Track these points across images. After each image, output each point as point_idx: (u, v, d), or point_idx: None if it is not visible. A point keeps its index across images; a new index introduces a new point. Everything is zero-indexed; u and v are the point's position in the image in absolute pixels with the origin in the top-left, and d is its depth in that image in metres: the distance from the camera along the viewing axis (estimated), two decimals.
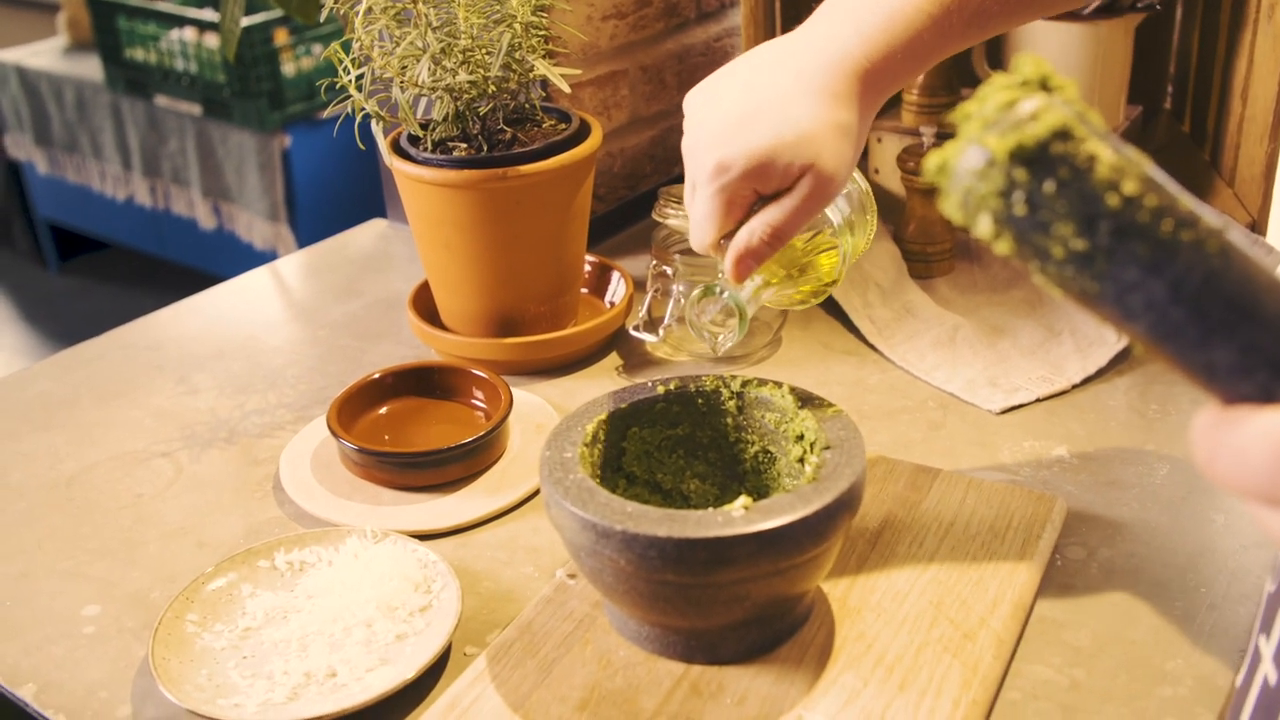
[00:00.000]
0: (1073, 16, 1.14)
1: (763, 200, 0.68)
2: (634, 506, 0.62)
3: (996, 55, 1.20)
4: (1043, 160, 0.34)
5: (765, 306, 0.94)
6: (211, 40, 2.76)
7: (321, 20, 1.12)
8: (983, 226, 0.35)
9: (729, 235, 0.69)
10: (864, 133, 0.68)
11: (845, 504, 0.63)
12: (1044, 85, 0.35)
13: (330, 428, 0.86)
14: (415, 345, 1.07)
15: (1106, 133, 0.35)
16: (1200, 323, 0.33)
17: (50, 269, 3.67)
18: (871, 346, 1.02)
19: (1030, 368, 0.96)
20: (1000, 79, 0.36)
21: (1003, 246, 0.35)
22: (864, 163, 1.22)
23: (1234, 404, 0.34)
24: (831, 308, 1.07)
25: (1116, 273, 0.34)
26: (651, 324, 1.00)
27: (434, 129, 0.96)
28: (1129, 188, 0.34)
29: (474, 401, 0.94)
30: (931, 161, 0.36)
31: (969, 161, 0.35)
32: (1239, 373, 0.34)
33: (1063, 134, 0.34)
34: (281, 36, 2.72)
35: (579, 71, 1.01)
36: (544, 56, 0.94)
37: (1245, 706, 0.48)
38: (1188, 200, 0.34)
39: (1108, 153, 0.34)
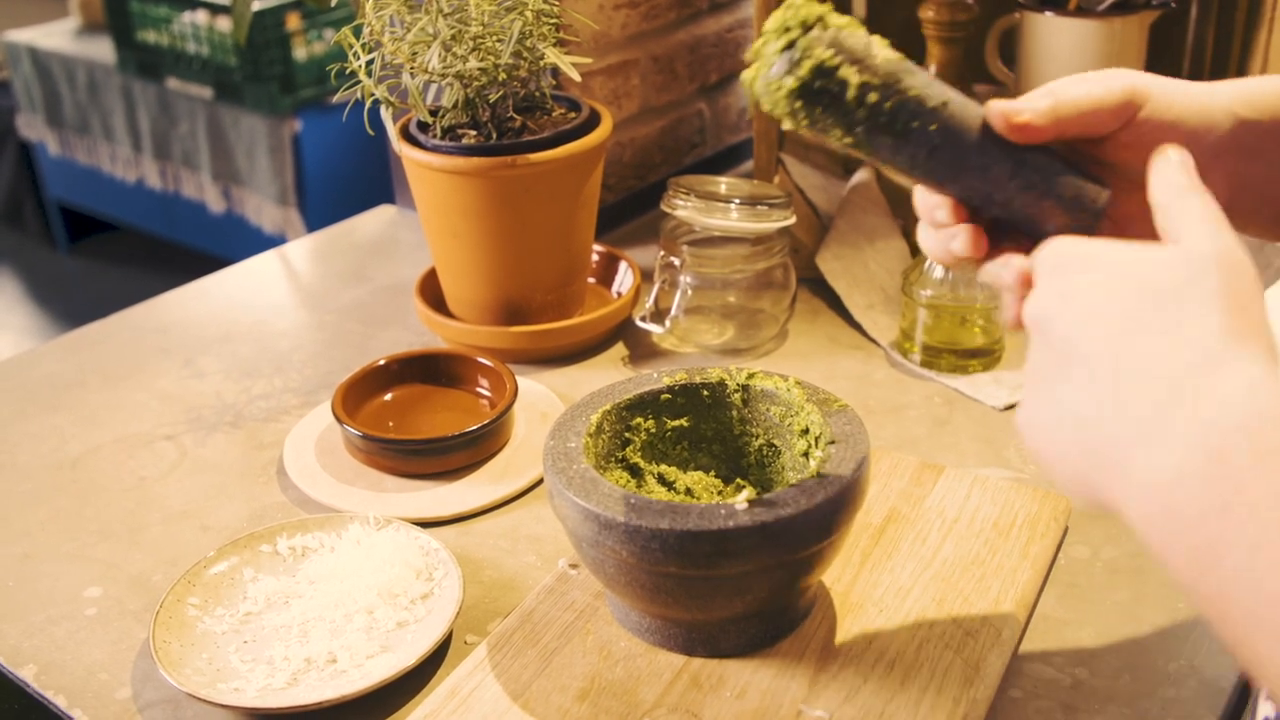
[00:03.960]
0: (1087, 13, 1.13)
1: None
2: (637, 498, 0.62)
3: (1010, 51, 1.19)
4: (809, 94, 0.52)
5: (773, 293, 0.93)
6: (223, 23, 2.76)
7: (333, 4, 1.12)
8: (786, 125, 0.54)
9: None
10: None
11: (849, 499, 0.63)
12: (806, 26, 0.52)
13: (335, 413, 0.86)
14: (421, 332, 1.07)
15: (861, 50, 0.52)
16: (935, 176, 0.55)
17: (60, 250, 3.68)
18: (874, 342, 1.01)
19: None
20: (776, 20, 0.52)
21: (803, 133, 0.54)
22: None
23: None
24: (836, 304, 1.06)
25: (877, 151, 0.54)
26: (658, 315, 0.99)
27: (443, 116, 0.96)
28: (871, 98, 0.52)
29: (479, 389, 0.94)
30: (744, 76, 0.54)
31: (762, 90, 0.53)
32: (972, 209, 0.56)
33: (822, 71, 0.52)
34: (293, 21, 2.71)
35: (590, 60, 1.01)
36: (555, 44, 0.94)
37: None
38: (921, 90, 0.53)
39: (855, 76, 0.52)
